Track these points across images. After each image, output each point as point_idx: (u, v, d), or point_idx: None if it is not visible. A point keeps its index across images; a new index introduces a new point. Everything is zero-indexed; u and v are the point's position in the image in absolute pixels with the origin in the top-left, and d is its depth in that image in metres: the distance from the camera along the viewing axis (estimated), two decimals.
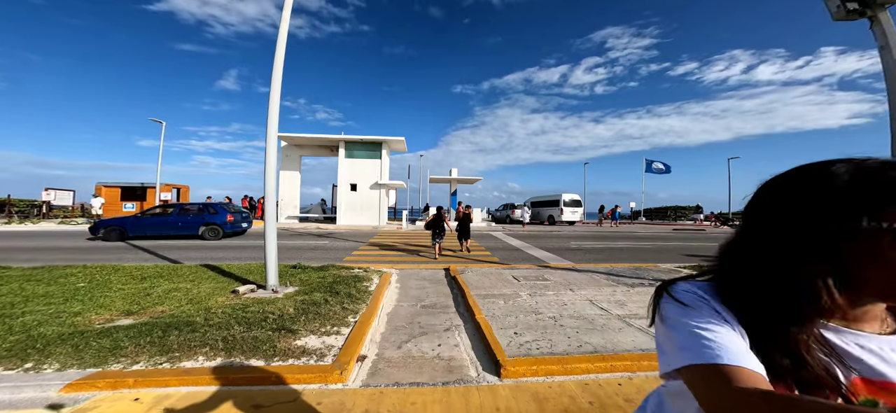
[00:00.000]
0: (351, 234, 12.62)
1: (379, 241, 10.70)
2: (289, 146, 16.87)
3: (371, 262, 6.91)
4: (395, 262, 6.90)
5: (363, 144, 16.26)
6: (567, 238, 12.55)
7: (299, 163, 17.21)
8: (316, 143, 16.39)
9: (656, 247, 10.46)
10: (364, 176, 16.19)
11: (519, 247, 9.70)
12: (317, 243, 9.63)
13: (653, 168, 28.07)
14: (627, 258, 8.02)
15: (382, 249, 8.84)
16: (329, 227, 14.38)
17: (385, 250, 8.66)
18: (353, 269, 5.52)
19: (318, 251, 8.26)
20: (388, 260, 7.24)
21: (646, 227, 20.81)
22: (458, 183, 21.45)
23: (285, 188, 16.82)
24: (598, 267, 6.26)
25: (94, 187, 17.29)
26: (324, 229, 13.79)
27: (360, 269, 5.52)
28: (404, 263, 6.80)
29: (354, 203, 16.12)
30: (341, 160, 16.02)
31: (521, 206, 21.66)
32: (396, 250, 8.71)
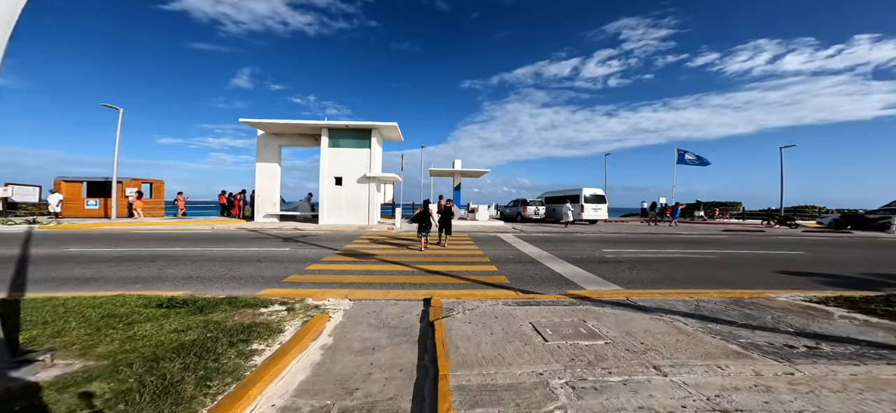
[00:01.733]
0: (329, 236, 10.58)
1: (357, 246, 8.61)
2: (266, 135, 14.97)
3: (319, 285, 4.81)
4: (357, 286, 4.79)
5: (349, 132, 14.19)
6: (595, 242, 10.16)
7: (279, 154, 15.31)
8: (296, 130, 14.43)
9: (721, 257, 8.01)
10: (351, 168, 14.14)
11: (535, 257, 7.43)
12: (274, 251, 7.61)
13: (686, 160, 25.07)
14: (693, 277, 5.68)
15: (353, 261, 6.74)
16: (308, 228, 12.40)
17: (355, 263, 6.55)
18: (270, 306, 3.41)
19: (264, 265, 6.21)
20: (350, 281, 5.12)
21: (688, 227, 18.06)
22: (463, 176, 19.21)
23: (262, 182, 14.95)
24: (668, 296, 3.99)
25: (53, 182, 15.80)
26: (301, 230, 11.82)
27: (282, 306, 3.43)
28: (369, 288, 4.68)
29: (339, 200, 14.11)
30: (324, 150, 14.01)
31: (535, 201, 19.26)
32: (370, 263, 6.58)
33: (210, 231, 11.17)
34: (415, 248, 8.49)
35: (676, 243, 10.40)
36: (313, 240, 9.65)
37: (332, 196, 14.09)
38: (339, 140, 14.14)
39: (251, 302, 3.53)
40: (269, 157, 14.99)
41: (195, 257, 6.66)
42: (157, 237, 9.51)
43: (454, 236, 10.80)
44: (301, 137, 15.17)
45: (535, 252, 8.11)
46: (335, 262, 6.49)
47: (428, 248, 8.14)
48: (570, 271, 6.02)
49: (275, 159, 15.08)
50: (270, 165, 15.02)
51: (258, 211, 14.98)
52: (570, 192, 18.74)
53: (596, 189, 18.17)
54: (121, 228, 11.28)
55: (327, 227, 12.72)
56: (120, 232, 10.51)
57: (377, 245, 8.95)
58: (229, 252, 7.30)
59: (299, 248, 8.18)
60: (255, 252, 7.41)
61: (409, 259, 6.94)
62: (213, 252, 7.27)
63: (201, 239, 9.28)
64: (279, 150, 15.29)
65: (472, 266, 6.38)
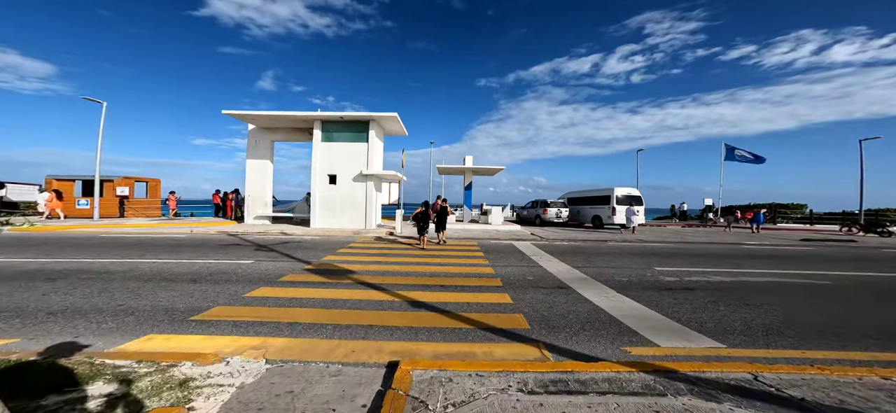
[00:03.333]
0: (314, 243, 9.17)
1: (338, 258, 7.11)
2: (257, 130, 13.89)
3: (241, 326, 3.29)
4: (298, 330, 3.22)
5: (344, 124, 12.81)
6: (639, 255, 8.14)
7: (271, 150, 14.19)
8: (288, 123, 13.22)
9: (837, 282, 5.82)
10: (346, 165, 12.75)
11: (564, 279, 5.62)
12: (227, 266, 6.28)
13: (736, 156, 22.00)
14: (831, 321, 3.66)
15: (319, 282, 5.21)
16: (296, 232, 11.09)
17: (319, 287, 5.02)
18: (92, 384, 1.84)
19: (194, 287, 4.80)
20: (293, 320, 3.59)
21: (747, 234, 15.44)
22: (475, 174, 17.44)
23: (253, 181, 13.87)
24: (840, 375, 2.05)
25: (44, 181, 15.47)
26: (288, 234, 10.53)
27: (110, 386, 1.85)
28: (312, 335, 3.13)
29: (333, 200, 12.75)
30: (316, 145, 12.71)
31: (556, 202, 17.19)
32: (340, 286, 5.05)
33: (183, 236, 10.07)
34: (409, 258, 6.90)
35: (751, 259, 8.18)
36: (291, 248, 8.24)
37: (326, 196, 12.75)
38: (332, 133, 12.79)
39: (60, 371, 1.99)
40: (261, 154, 13.90)
41: (117, 274, 5.36)
42: (112, 244, 8.43)
43: (459, 245, 9.15)
44: (294, 132, 13.98)
45: (563, 270, 6.25)
46: (293, 285, 4.96)
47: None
48: (620, 306, 4.18)
49: (266, 156, 13.96)
50: (261, 162, 13.93)
51: (248, 212, 13.92)
52: (599, 193, 16.51)
53: (630, 188, 15.86)
54: (89, 232, 10.41)
55: (318, 232, 11.35)
56: (84, 236, 9.59)
57: (364, 255, 7.39)
58: (167, 266, 5.96)
59: (266, 260, 6.74)
60: (201, 266, 6.03)
61: (395, 280, 5.32)
62: (148, 266, 5.96)
63: (160, 247, 8.09)
64: (271, 146, 14.17)
65: (477, 294, 4.66)
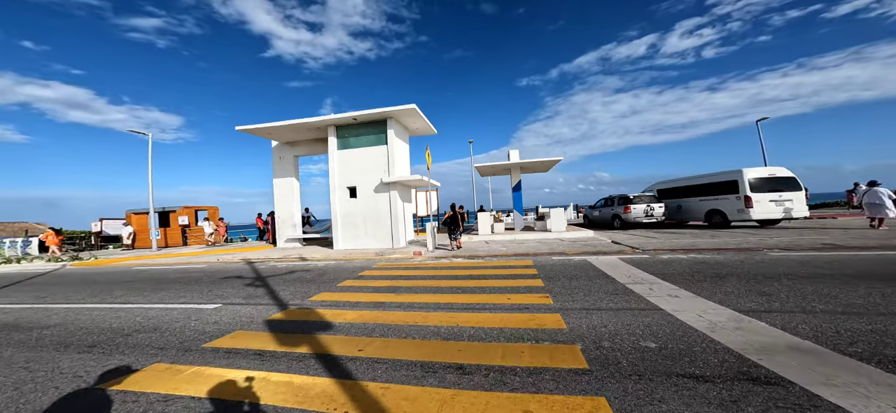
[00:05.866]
0: (324, 272, 7.53)
1: (331, 298, 5.20)
2: (280, 146, 13.37)
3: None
4: None
5: (358, 127, 11.31)
6: (838, 280, 4.32)
7: (295, 166, 13.53)
8: (303, 132, 12.30)
9: None
10: (365, 174, 11.16)
11: (742, 351, 2.56)
12: (187, 314, 4.74)
13: None
14: None
15: (264, 349, 3.15)
16: (315, 257, 9.75)
17: (257, 358, 2.92)
18: None
19: (110, 353, 3.10)
20: None
21: None
22: (523, 171, 14.40)
23: (281, 201, 13.29)
24: None
25: (125, 215, 17.52)
26: (306, 261, 9.22)
27: None
28: None
29: (354, 217, 11.22)
30: (332, 154, 11.43)
31: (644, 196, 13.07)
32: (290, 360, 2.86)
33: (202, 266, 9.43)
34: (425, 295, 4.54)
35: None
36: (291, 281, 6.62)
37: (347, 212, 11.30)
38: (348, 139, 11.38)
39: None
40: (285, 171, 13.28)
41: (52, 328, 4.10)
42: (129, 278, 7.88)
43: (503, 265, 6.50)
44: (316, 143, 13.06)
45: (722, 320, 3.13)
46: (214, 358, 2.99)
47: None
48: None
49: (291, 173, 13.30)
50: (287, 181, 13.29)
51: (280, 235, 13.32)
52: (719, 178, 11.95)
53: (775, 168, 11.00)
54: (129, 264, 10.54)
55: (340, 254, 9.81)
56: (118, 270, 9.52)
57: (368, 293, 5.29)
58: (119, 314, 4.64)
59: (241, 302, 5.08)
60: (156, 314, 4.60)
61: (385, 346, 2.97)
62: (100, 314, 4.72)
63: (157, 282, 7.20)
64: (295, 163, 13.50)
65: (534, 398, 1.99)
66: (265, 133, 11.94)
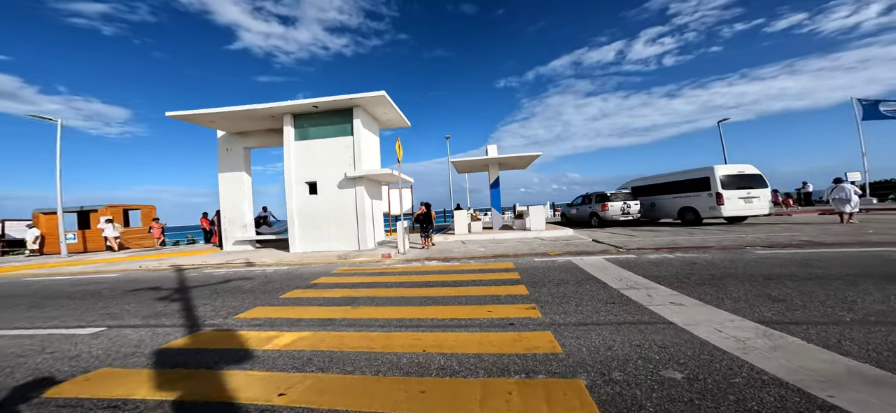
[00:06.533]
0: (271, 279, 6.33)
1: (261, 316, 4.14)
2: (227, 136, 11.76)
3: None
4: None
5: (320, 115, 10.12)
6: (837, 281, 4.03)
7: (246, 159, 11.99)
8: (254, 121, 10.84)
9: None
10: (328, 168, 10.00)
11: (797, 382, 1.83)
12: (42, 345, 3.38)
13: (882, 112, 16.03)
14: None
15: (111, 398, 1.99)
16: (265, 262, 8.43)
17: None
18: None
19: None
20: None
21: None
22: (502, 167, 13.85)
23: (227, 199, 11.67)
24: None
25: (32, 215, 14.80)
26: (252, 266, 7.88)
27: None
28: None
29: (316, 216, 10.00)
30: (288, 145, 10.14)
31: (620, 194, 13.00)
32: None
33: (115, 276, 7.76)
34: (386, 308, 3.64)
35: None
36: (223, 292, 5.40)
37: (306, 210, 10.05)
38: (308, 129, 10.15)
39: None
40: (234, 165, 11.70)
41: None
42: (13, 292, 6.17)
43: (481, 268, 5.75)
44: (270, 134, 11.62)
45: (747, 334, 2.56)
46: None
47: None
48: None
49: (241, 167, 11.74)
50: (236, 175, 11.71)
51: (226, 237, 11.69)
52: (691, 176, 12.05)
53: (743, 166, 11.23)
54: (23, 274, 8.54)
55: (295, 259, 8.57)
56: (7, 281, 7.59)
57: (316, 306, 4.32)
58: None
59: (134, 323, 3.90)
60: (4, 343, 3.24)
61: (305, 394, 2.00)
62: None
63: (53, 295, 5.64)
64: (246, 155, 11.95)
65: None
66: (206, 120, 10.36)
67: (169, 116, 9.76)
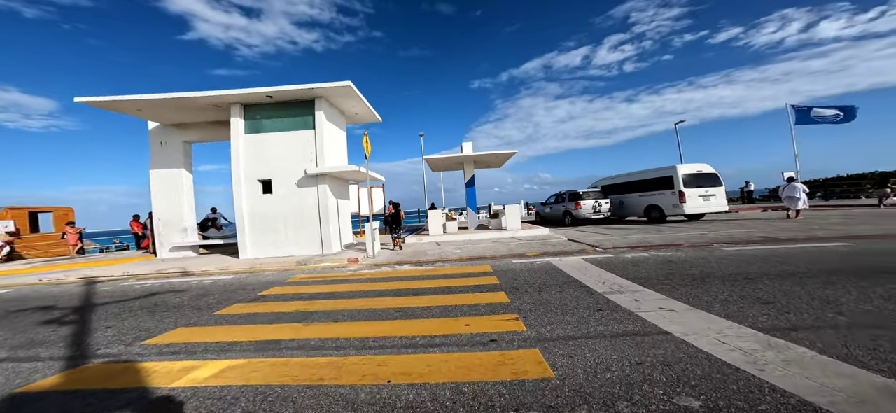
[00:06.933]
0: (207, 293, 5.42)
1: (173, 341, 3.21)
2: (162, 128, 10.26)
3: None
4: None
5: (277, 106, 9.10)
6: (824, 277, 4.10)
7: (186, 154, 10.54)
8: (194, 111, 9.51)
9: None
10: (285, 164, 9.00)
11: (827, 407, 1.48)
12: None
13: (814, 118, 17.89)
14: None
15: None
16: (207, 271, 7.29)
17: None
18: None
19: None
20: None
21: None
22: (477, 166, 13.54)
23: (162, 200, 10.17)
24: None
25: None
26: (189, 276, 6.78)
27: None
28: None
29: (271, 218, 8.95)
30: (237, 138, 8.99)
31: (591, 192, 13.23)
32: None
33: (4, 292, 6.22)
34: (339, 330, 2.99)
35: None
36: (137, 310, 4.48)
37: (258, 211, 8.96)
38: (261, 121, 9.07)
39: None
40: (170, 161, 10.21)
41: None
42: None
43: (456, 273, 5.29)
44: (215, 127, 10.29)
45: (752, 345, 2.30)
46: None
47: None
48: None
49: (180, 163, 10.27)
50: (173, 173, 10.23)
51: (160, 242, 10.17)
52: (655, 175, 12.51)
53: (701, 165, 11.83)
54: None
55: (245, 266, 7.51)
56: None
57: (258, 328, 3.53)
58: None
59: None
60: None
61: None
62: None
63: None
64: (186, 150, 10.51)
65: None
66: (130, 108, 8.87)
67: (79, 102, 8.19)
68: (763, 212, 15.50)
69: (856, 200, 17.46)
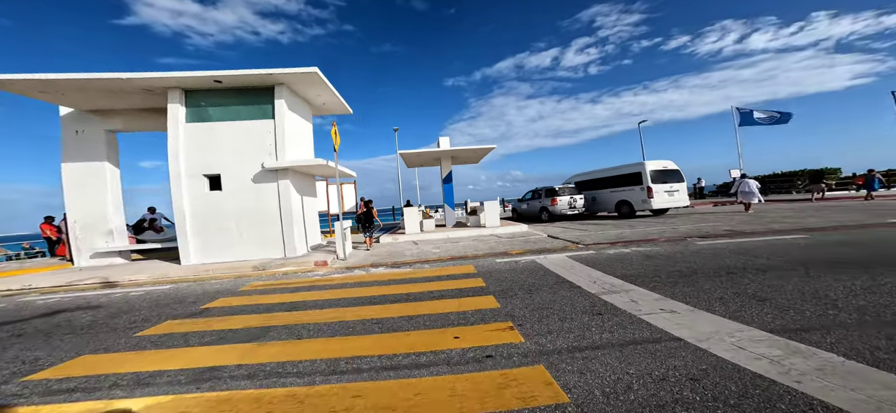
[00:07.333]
0: (144, 304, 4.52)
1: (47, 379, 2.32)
2: (78, 114, 8.64)
3: None
4: None
5: (225, 94, 8.00)
6: (803, 272, 4.23)
7: (111, 146, 9.00)
8: (121, 96, 8.08)
9: None
10: (238, 157, 7.94)
11: None
12: None
13: (756, 120, 19.76)
14: None
15: None
16: (137, 281, 6.15)
17: None
18: None
19: None
20: None
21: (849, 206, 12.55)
22: (455, 161, 13.16)
23: (79, 197, 8.58)
24: None
25: None
26: (111, 289, 5.69)
27: None
28: None
29: (221, 216, 7.88)
30: (176, 127, 7.79)
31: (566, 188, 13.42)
32: None
33: None
34: (315, 350, 2.38)
35: None
36: (31, 334, 3.55)
37: (206, 211, 7.83)
38: (207, 109, 7.94)
39: None
40: (88, 153, 8.65)
41: None
42: None
43: (437, 274, 4.86)
44: (147, 115, 8.88)
45: (802, 368, 2.06)
46: None
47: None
48: None
49: (101, 155, 8.75)
50: (92, 167, 8.68)
51: (78, 248, 8.59)
52: (625, 171, 12.94)
53: (666, 162, 12.40)
54: None
55: (187, 275, 6.44)
56: None
57: (191, 353, 2.81)
58: None
59: None
60: None
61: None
62: None
63: None
64: (110, 141, 9.00)
65: None
66: (33, 89, 7.31)
67: None
68: (715, 206, 16.80)
69: (788, 195, 19.61)
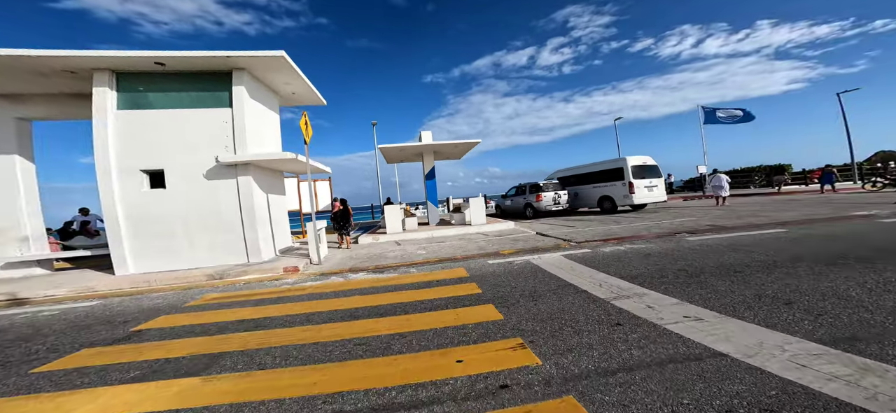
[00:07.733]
0: (53, 327, 3.52)
1: None
2: None
3: None
4: None
5: (170, 78, 6.91)
6: (806, 268, 4.15)
7: (25, 136, 7.53)
8: (35, 78, 6.72)
9: None
10: (185, 150, 6.88)
11: None
12: None
13: (719, 119, 20.93)
14: None
15: None
16: (54, 295, 5.04)
17: None
18: None
19: None
20: None
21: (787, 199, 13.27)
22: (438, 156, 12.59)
23: None
24: None
25: None
26: (21, 306, 4.52)
27: None
28: None
29: (165, 218, 6.80)
30: (104, 114, 6.61)
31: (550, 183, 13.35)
32: None
33: None
34: (276, 389, 1.74)
35: None
36: None
37: (144, 213, 6.74)
38: (146, 94, 6.83)
39: None
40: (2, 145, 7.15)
41: None
42: None
43: (424, 280, 4.33)
44: (70, 101, 7.52)
45: (886, 391, 1.69)
46: None
47: None
48: None
49: (10, 147, 7.30)
50: (5, 159, 7.18)
51: None
52: (607, 167, 13.05)
53: (645, 158, 12.63)
54: None
55: (123, 287, 5.41)
56: None
57: (98, 395, 2.01)
58: None
59: None
60: None
61: None
62: None
63: None
64: (21, 129, 7.56)
65: None
66: None
67: None
68: (685, 201, 17.59)
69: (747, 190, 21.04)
